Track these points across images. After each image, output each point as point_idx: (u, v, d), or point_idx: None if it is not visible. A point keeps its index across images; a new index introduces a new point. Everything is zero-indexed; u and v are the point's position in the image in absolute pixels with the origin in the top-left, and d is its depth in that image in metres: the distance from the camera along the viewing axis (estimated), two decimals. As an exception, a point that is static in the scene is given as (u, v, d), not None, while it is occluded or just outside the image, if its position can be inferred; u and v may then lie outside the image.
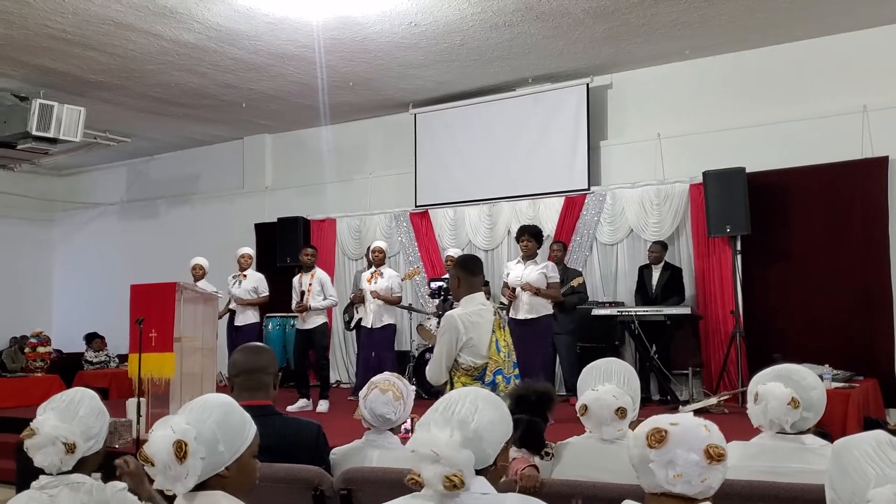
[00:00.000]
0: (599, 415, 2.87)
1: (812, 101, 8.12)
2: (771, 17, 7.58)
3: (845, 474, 1.63)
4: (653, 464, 1.80)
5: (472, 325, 4.09)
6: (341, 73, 9.02)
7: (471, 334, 4.07)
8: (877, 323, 7.65)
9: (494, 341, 4.10)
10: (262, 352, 3.30)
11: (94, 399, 2.40)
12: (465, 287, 4.21)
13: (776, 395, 2.71)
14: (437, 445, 1.81)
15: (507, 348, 4.17)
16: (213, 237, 11.59)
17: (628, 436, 1.89)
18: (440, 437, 1.83)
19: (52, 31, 7.60)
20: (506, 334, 4.21)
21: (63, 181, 14.25)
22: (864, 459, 1.61)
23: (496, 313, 4.21)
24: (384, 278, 8.23)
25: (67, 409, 2.32)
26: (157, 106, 10.21)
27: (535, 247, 7.26)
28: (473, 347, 4.08)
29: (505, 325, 4.28)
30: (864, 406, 6.44)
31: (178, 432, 1.89)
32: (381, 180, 10.88)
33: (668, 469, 1.78)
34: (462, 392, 1.99)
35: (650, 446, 1.79)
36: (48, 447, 2.25)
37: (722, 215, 8.01)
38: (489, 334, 4.10)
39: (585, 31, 7.88)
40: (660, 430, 1.79)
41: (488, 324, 4.12)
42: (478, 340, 4.08)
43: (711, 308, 8.43)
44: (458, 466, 1.81)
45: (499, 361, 4.10)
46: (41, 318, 12.72)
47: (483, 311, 4.17)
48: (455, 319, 4.08)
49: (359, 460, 3.07)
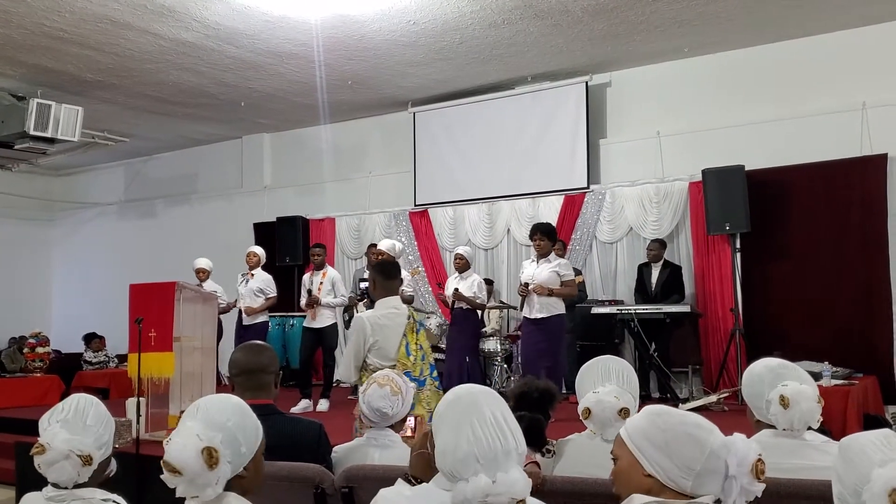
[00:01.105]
0: (603, 417, 2.86)
1: (811, 99, 8.12)
2: (770, 14, 7.58)
3: (850, 464, 1.67)
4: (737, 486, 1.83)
5: (380, 327, 4.20)
6: (340, 72, 9.02)
7: (377, 336, 4.18)
8: (876, 320, 7.65)
9: (404, 344, 4.18)
10: (264, 351, 3.29)
11: (98, 406, 2.31)
12: (381, 290, 4.35)
13: (807, 395, 2.68)
14: (518, 493, 1.82)
15: (418, 351, 4.23)
16: (211, 237, 11.59)
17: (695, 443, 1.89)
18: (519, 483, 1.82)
19: (49, 30, 7.58)
20: (419, 338, 4.28)
21: (61, 181, 14.24)
22: (868, 447, 1.65)
23: (410, 317, 4.30)
24: None
25: (75, 420, 2.22)
26: (155, 105, 10.20)
27: (548, 245, 7.03)
28: (381, 349, 4.20)
29: (419, 328, 4.34)
30: (864, 403, 6.44)
31: (206, 439, 1.87)
32: (381, 179, 10.87)
33: (744, 496, 1.83)
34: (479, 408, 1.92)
35: (758, 478, 1.83)
36: (62, 462, 2.14)
37: (721, 213, 8.01)
38: (398, 337, 4.20)
39: (584, 29, 7.87)
40: (764, 463, 1.84)
41: (399, 327, 4.22)
42: (384, 343, 4.19)
43: (711, 306, 8.43)
44: (526, 494, 1.84)
45: (407, 364, 4.15)
46: (40, 318, 12.71)
47: (394, 314, 4.28)
48: (363, 321, 4.21)
49: (360, 458, 3.06)
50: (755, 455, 1.84)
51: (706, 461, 1.85)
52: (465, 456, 1.84)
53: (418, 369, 4.19)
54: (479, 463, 1.83)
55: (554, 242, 7.21)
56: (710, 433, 1.89)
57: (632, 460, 1.93)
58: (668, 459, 1.87)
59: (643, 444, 1.91)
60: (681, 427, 1.91)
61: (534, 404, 2.94)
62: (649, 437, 1.91)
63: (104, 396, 9.63)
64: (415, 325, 4.30)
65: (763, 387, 2.77)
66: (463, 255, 8.17)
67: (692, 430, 1.89)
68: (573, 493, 2.52)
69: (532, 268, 7.09)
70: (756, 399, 2.79)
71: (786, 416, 2.67)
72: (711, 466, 1.84)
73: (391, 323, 4.24)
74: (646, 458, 1.90)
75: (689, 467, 1.86)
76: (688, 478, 1.85)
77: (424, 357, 4.26)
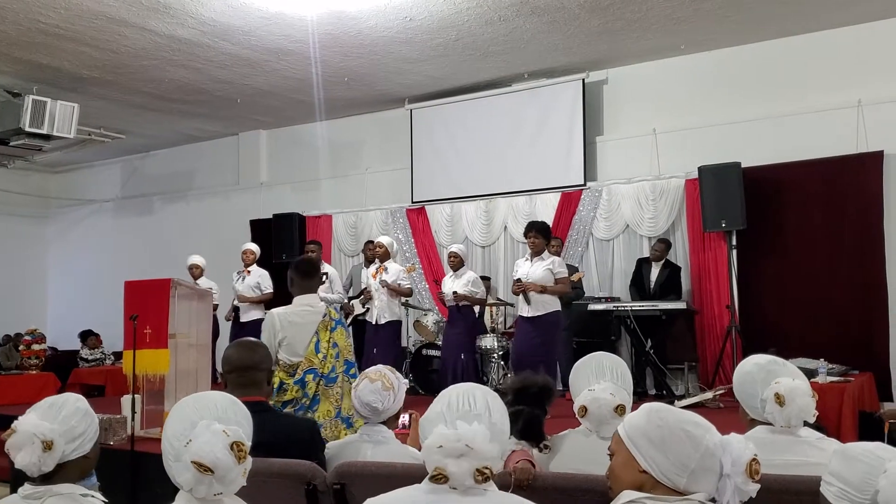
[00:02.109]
0: (599, 415, 2.87)
1: (807, 96, 8.12)
2: (766, 12, 7.58)
3: (855, 461, 1.70)
4: (733, 485, 1.84)
5: (290, 324, 4.31)
6: (336, 69, 9.00)
7: (286, 333, 4.29)
8: (872, 317, 7.66)
9: (314, 342, 4.25)
10: (256, 348, 3.29)
11: (80, 401, 2.31)
12: (298, 288, 4.45)
13: (802, 391, 2.68)
14: (471, 440, 1.83)
15: (330, 349, 4.30)
16: (208, 234, 11.59)
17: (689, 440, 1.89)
18: (471, 431, 1.85)
19: (44, 26, 7.56)
20: (334, 335, 4.35)
21: (57, 178, 14.22)
22: (872, 446, 1.69)
23: (326, 315, 4.37)
24: (390, 273, 8.10)
25: (50, 409, 2.24)
26: (151, 102, 10.18)
27: (542, 243, 6.99)
28: (289, 346, 4.29)
29: (335, 327, 4.40)
30: (860, 400, 6.43)
31: (232, 434, 1.88)
32: (377, 176, 10.86)
33: (738, 496, 1.84)
34: (464, 388, 2.01)
35: (752, 478, 1.84)
36: (27, 446, 2.15)
37: (717, 210, 8.01)
38: (308, 335, 4.28)
39: (581, 26, 7.87)
40: (757, 462, 1.84)
41: (310, 325, 4.30)
42: (292, 339, 4.29)
43: (707, 303, 8.43)
44: (489, 459, 1.85)
45: (313, 362, 4.22)
46: (36, 315, 12.71)
47: (307, 312, 4.36)
48: (273, 317, 4.35)
49: (352, 454, 3.06)
50: (750, 455, 1.84)
51: (701, 459, 1.86)
52: (435, 416, 1.93)
53: (328, 366, 4.25)
54: (445, 419, 1.90)
55: (548, 241, 7.19)
56: (707, 431, 1.90)
57: (627, 456, 1.94)
58: (663, 456, 1.88)
59: (640, 441, 1.93)
60: (678, 425, 1.91)
61: (532, 399, 2.94)
62: (646, 433, 1.92)
63: (100, 394, 9.64)
64: (330, 324, 4.36)
65: (756, 386, 2.76)
66: (457, 252, 8.16)
67: (689, 427, 1.90)
68: (566, 489, 2.52)
69: (526, 266, 7.07)
70: (750, 399, 2.79)
71: (783, 414, 2.67)
72: (706, 465, 1.86)
73: (302, 320, 4.32)
74: (641, 454, 1.91)
75: (684, 465, 1.87)
76: (682, 475, 1.86)
77: (338, 355, 4.32)
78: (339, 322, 4.44)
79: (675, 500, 1.84)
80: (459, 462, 1.83)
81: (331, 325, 4.36)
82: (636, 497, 1.88)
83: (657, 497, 1.86)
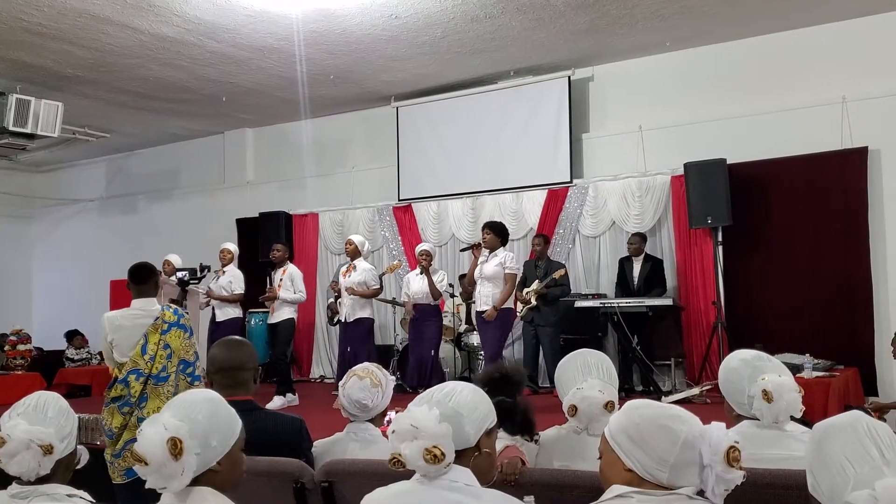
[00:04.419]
0: (589, 413, 2.88)
1: (792, 93, 8.17)
2: (750, 8, 7.61)
3: (825, 467, 1.65)
4: (713, 475, 1.82)
5: (118, 327, 4.51)
6: (322, 67, 8.98)
7: (114, 335, 4.50)
8: (857, 312, 7.71)
9: (142, 344, 4.43)
10: (242, 347, 3.27)
11: (59, 400, 2.31)
12: (133, 292, 4.62)
13: (788, 387, 2.70)
14: (415, 419, 1.87)
15: (162, 350, 4.47)
16: (194, 232, 11.52)
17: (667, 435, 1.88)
18: (419, 412, 1.90)
19: (27, 24, 7.51)
20: (167, 337, 4.51)
21: (42, 177, 14.12)
22: (844, 456, 1.62)
23: (159, 318, 4.52)
24: (357, 272, 8.10)
25: (36, 412, 2.23)
26: (136, 100, 10.12)
27: (495, 241, 7.28)
28: (118, 346, 4.50)
29: (168, 329, 4.54)
30: (844, 395, 6.49)
31: (171, 429, 1.89)
32: (364, 174, 10.84)
33: (721, 485, 1.83)
34: (445, 383, 2.05)
35: (730, 465, 1.81)
36: (23, 452, 2.13)
37: (703, 206, 8.04)
38: (136, 337, 4.45)
39: (566, 24, 7.88)
40: (736, 450, 1.82)
41: (139, 328, 4.48)
42: (120, 341, 4.49)
43: (693, 299, 8.46)
44: (437, 439, 1.86)
45: (139, 363, 4.40)
46: (21, 315, 12.61)
47: (138, 315, 4.54)
48: (103, 321, 4.57)
49: (340, 453, 3.06)
50: (728, 442, 1.83)
51: (680, 453, 1.85)
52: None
53: (157, 367, 4.43)
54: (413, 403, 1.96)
55: (503, 240, 7.40)
56: (684, 424, 1.89)
57: (613, 457, 1.94)
58: (642, 452, 1.88)
59: (621, 439, 1.92)
60: (655, 420, 1.91)
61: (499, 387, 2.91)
62: (626, 431, 1.92)
63: (86, 394, 9.60)
64: (162, 326, 4.51)
65: (742, 382, 2.77)
66: (428, 251, 8.46)
67: (666, 421, 1.90)
68: (554, 484, 2.53)
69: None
70: (736, 395, 2.79)
71: (770, 411, 2.68)
72: (686, 458, 1.85)
73: (130, 323, 4.51)
74: (624, 452, 1.91)
75: (663, 459, 1.86)
76: (663, 470, 1.86)
77: (171, 356, 4.49)
78: (174, 325, 4.59)
79: (662, 494, 1.84)
80: (409, 445, 1.87)
81: (163, 328, 4.52)
82: (625, 491, 1.87)
83: (645, 491, 1.86)
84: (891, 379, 7.52)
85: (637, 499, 1.85)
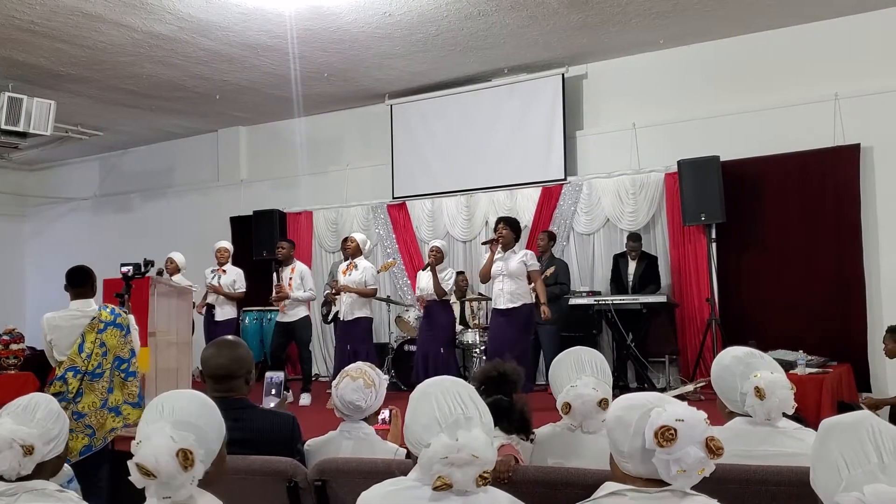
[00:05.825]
0: (583, 410, 2.88)
1: (785, 90, 8.18)
2: (744, 6, 7.62)
3: (823, 464, 1.65)
4: (656, 459, 1.80)
5: (56, 327, 4.74)
6: (316, 64, 8.96)
7: (53, 334, 4.73)
8: (850, 309, 7.73)
9: (79, 343, 4.65)
10: (236, 348, 3.24)
11: (51, 402, 2.32)
12: (71, 294, 4.83)
13: (781, 384, 2.70)
14: (475, 449, 1.85)
15: (98, 349, 4.67)
16: (187, 231, 11.50)
17: (620, 425, 1.87)
18: (474, 440, 1.86)
19: (19, 22, 7.47)
20: (104, 336, 4.71)
21: (34, 176, 14.07)
22: (841, 455, 1.62)
23: (95, 318, 4.72)
24: (358, 271, 8.03)
25: (24, 413, 2.25)
26: (129, 99, 10.09)
27: (511, 236, 7.09)
28: (57, 346, 4.73)
29: (105, 328, 4.74)
30: (838, 391, 6.49)
31: (179, 440, 1.86)
32: (358, 172, 10.83)
33: (673, 465, 1.79)
34: (445, 386, 2.01)
35: (660, 445, 1.78)
36: (5, 451, 2.15)
37: (697, 204, 8.05)
38: (73, 337, 4.67)
39: (560, 21, 7.88)
40: (670, 429, 1.78)
41: (76, 328, 4.70)
42: (58, 341, 4.72)
43: (687, 296, 8.48)
44: (490, 463, 1.88)
45: (76, 361, 4.63)
46: (14, 314, 12.54)
47: (74, 316, 4.75)
48: (42, 322, 4.79)
49: (333, 451, 3.05)
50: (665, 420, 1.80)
51: (632, 440, 1.84)
52: (429, 421, 1.91)
53: (92, 364, 4.64)
54: (441, 426, 1.89)
55: (516, 235, 7.23)
56: (635, 411, 1.86)
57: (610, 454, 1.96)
58: (613, 445, 1.89)
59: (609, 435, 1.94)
60: (614, 411, 1.91)
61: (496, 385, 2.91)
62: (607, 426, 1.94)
63: (80, 393, 9.54)
64: (98, 325, 4.72)
65: (735, 379, 2.77)
66: (440, 247, 8.18)
67: (620, 412, 1.89)
68: (547, 482, 2.53)
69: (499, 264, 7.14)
70: (729, 392, 2.80)
71: (763, 408, 2.68)
72: (637, 445, 1.83)
73: (67, 324, 4.73)
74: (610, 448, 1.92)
75: (620, 450, 1.86)
76: (626, 461, 1.85)
77: (107, 353, 4.71)
78: (110, 324, 4.79)
79: (655, 491, 1.83)
80: (465, 470, 1.84)
81: (99, 327, 4.73)
82: (619, 488, 1.87)
83: (639, 489, 1.85)
84: (884, 375, 7.55)
85: (630, 496, 1.84)
